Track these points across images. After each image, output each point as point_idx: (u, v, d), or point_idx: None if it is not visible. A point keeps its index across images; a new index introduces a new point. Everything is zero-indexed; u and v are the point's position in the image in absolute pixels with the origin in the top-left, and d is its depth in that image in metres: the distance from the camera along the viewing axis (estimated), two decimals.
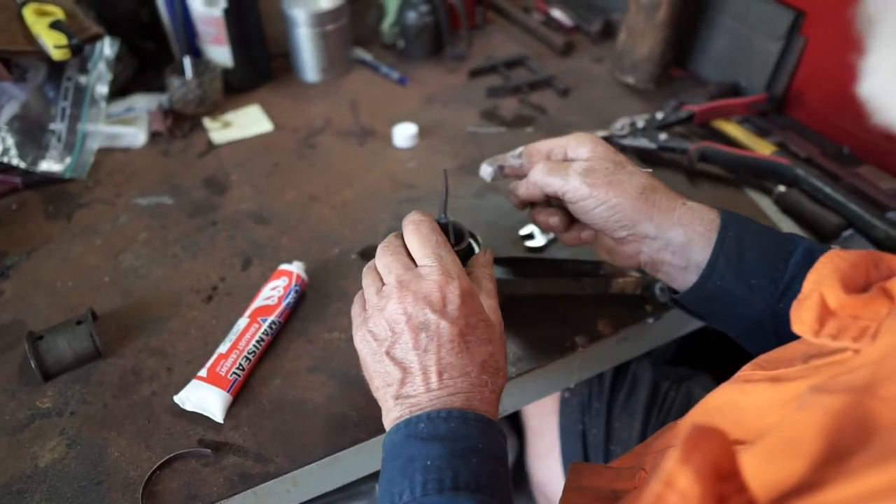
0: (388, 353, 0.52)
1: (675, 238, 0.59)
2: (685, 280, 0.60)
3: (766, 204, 0.91)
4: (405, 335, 0.51)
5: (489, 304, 0.55)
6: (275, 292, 0.73)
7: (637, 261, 0.63)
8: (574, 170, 0.60)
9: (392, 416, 0.51)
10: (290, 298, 0.73)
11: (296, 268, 0.76)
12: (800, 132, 1.02)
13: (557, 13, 1.33)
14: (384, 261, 0.55)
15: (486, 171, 0.69)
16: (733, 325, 0.60)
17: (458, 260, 0.55)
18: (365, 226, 0.87)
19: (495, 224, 0.87)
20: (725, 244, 0.57)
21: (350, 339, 0.72)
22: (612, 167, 0.60)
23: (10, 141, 0.95)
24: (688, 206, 0.59)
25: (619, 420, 0.87)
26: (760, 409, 0.45)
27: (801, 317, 0.47)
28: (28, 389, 0.68)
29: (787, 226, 0.87)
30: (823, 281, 0.49)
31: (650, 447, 0.57)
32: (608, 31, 1.28)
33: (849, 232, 0.86)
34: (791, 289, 0.54)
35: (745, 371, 0.51)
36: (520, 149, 0.67)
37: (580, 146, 0.63)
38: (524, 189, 0.66)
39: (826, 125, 1.01)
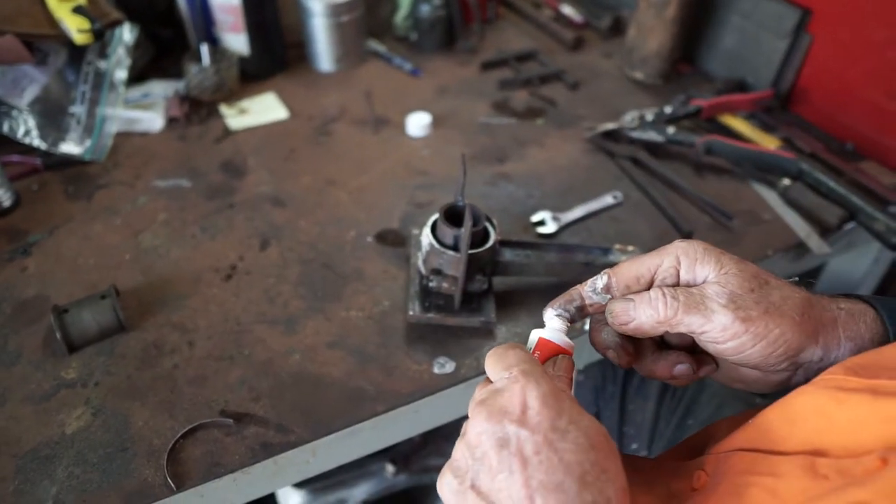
0: (472, 487, 0.41)
1: (844, 355, 0.47)
2: None
3: (771, 196, 0.93)
4: (486, 458, 0.41)
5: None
6: None
7: (786, 385, 0.50)
8: (716, 301, 0.45)
9: None
10: None
11: None
12: (804, 128, 1.04)
13: (567, 9, 1.35)
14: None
15: (553, 322, 0.50)
16: None
17: (538, 365, 0.44)
18: (380, 210, 0.89)
19: (507, 210, 0.89)
20: None
21: (368, 317, 0.74)
22: (756, 287, 0.46)
23: (32, 122, 0.97)
24: (846, 311, 0.48)
25: (633, 402, 0.88)
26: (854, 423, 0.40)
27: None
28: (53, 361, 0.70)
29: (791, 218, 0.89)
30: None
31: (709, 446, 0.53)
32: (617, 28, 1.30)
33: (851, 224, 0.88)
34: None
35: (836, 375, 0.44)
36: (601, 280, 0.50)
37: (700, 265, 0.47)
38: (629, 330, 0.48)
39: (830, 122, 1.03)
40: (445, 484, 0.43)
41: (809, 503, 0.36)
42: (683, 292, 0.46)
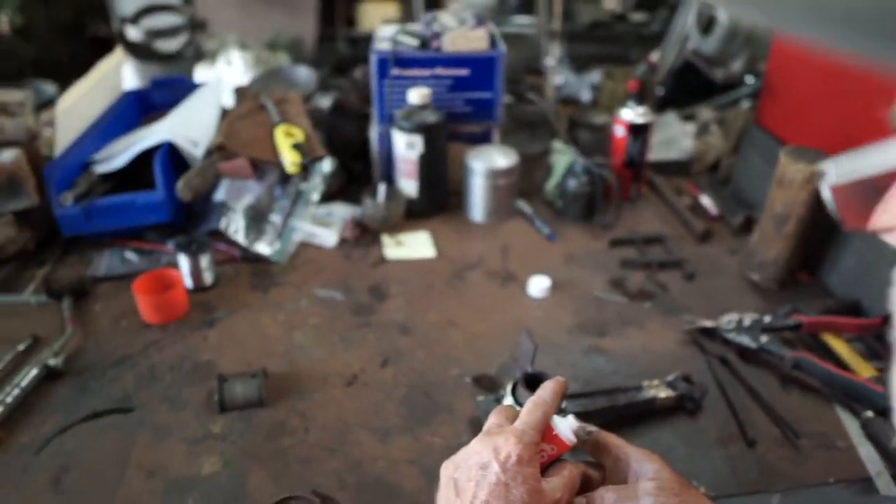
0: (453, 479, 0.61)
1: None
2: None
3: (851, 425, 0.96)
4: (470, 469, 0.60)
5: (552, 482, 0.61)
6: None
7: None
8: (645, 491, 0.63)
9: None
10: None
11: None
12: None
13: (706, 200, 1.46)
14: None
15: (568, 422, 0.68)
16: None
17: (535, 434, 0.62)
18: (485, 357, 1.04)
19: (589, 381, 1.00)
20: None
21: (447, 447, 0.89)
22: (678, 487, 0.63)
23: (241, 223, 1.25)
24: None
25: None
26: None
27: None
28: (207, 414, 0.91)
29: (866, 451, 0.92)
30: None
31: None
32: (748, 226, 1.39)
33: None
34: None
35: None
36: (593, 427, 0.71)
37: (646, 461, 0.66)
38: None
39: None
40: (443, 468, 0.63)
41: None
42: (621, 489, 0.64)
